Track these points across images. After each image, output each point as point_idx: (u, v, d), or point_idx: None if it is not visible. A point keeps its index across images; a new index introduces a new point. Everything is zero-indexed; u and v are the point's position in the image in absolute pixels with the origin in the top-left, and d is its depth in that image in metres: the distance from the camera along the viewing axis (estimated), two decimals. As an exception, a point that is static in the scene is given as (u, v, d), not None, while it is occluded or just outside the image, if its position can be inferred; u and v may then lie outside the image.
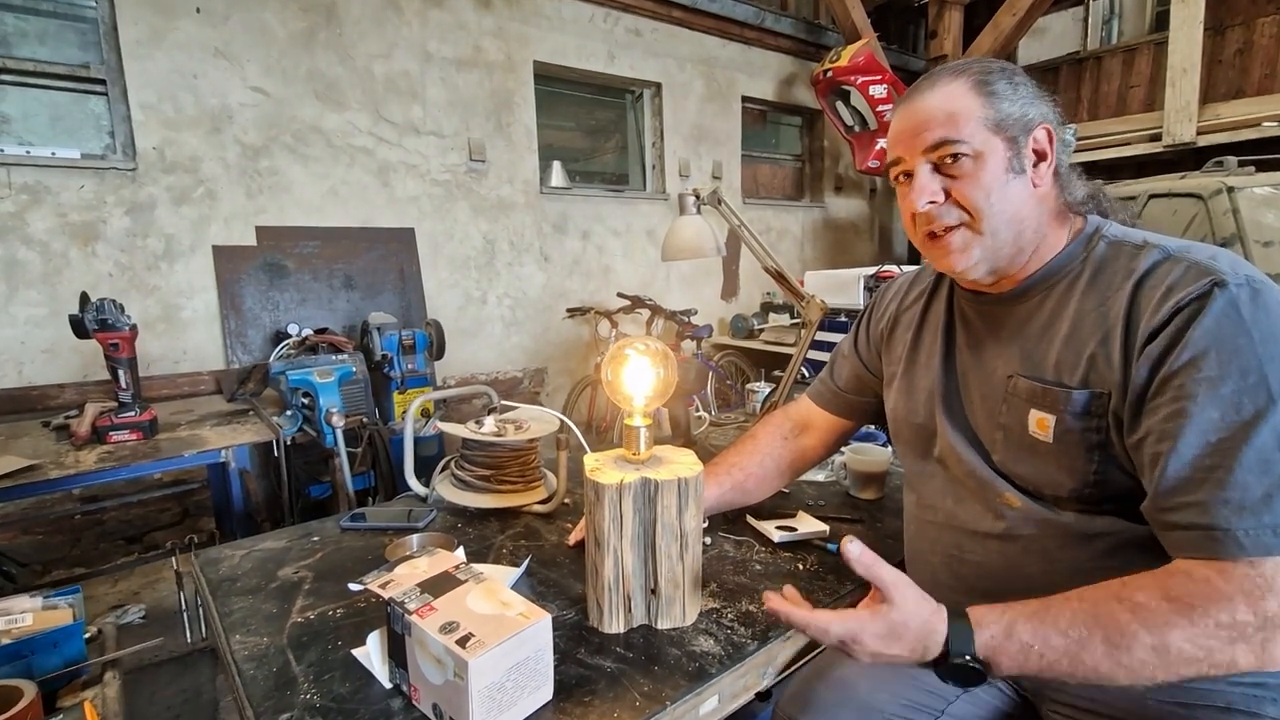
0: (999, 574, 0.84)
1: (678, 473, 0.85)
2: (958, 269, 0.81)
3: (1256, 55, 5.23)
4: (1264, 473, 0.62)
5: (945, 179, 0.78)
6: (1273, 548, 0.61)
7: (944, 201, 0.78)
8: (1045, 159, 0.78)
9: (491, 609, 0.72)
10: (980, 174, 0.76)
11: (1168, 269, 0.71)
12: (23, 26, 2.73)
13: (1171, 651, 0.62)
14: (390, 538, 1.14)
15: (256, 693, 0.75)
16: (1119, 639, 0.63)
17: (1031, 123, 0.77)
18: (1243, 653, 0.61)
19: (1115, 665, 0.63)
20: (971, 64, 0.80)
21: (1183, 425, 0.65)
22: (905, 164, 0.81)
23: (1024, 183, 0.77)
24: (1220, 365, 0.64)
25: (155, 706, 1.87)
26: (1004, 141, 0.76)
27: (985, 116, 0.76)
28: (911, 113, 0.80)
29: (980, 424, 0.86)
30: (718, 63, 5.00)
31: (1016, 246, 0.79)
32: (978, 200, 0.76)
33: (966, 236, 0.79)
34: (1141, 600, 0.64)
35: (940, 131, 0.77)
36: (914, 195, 0.79)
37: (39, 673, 0.81)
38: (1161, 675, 0.62)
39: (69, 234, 2.75)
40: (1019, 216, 0.78)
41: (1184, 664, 0.62)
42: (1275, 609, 0.60)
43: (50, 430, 2.15)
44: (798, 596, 0.75)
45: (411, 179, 3.64)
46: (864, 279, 3.82)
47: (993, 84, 0.77)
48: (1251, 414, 0.63)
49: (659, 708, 0.72)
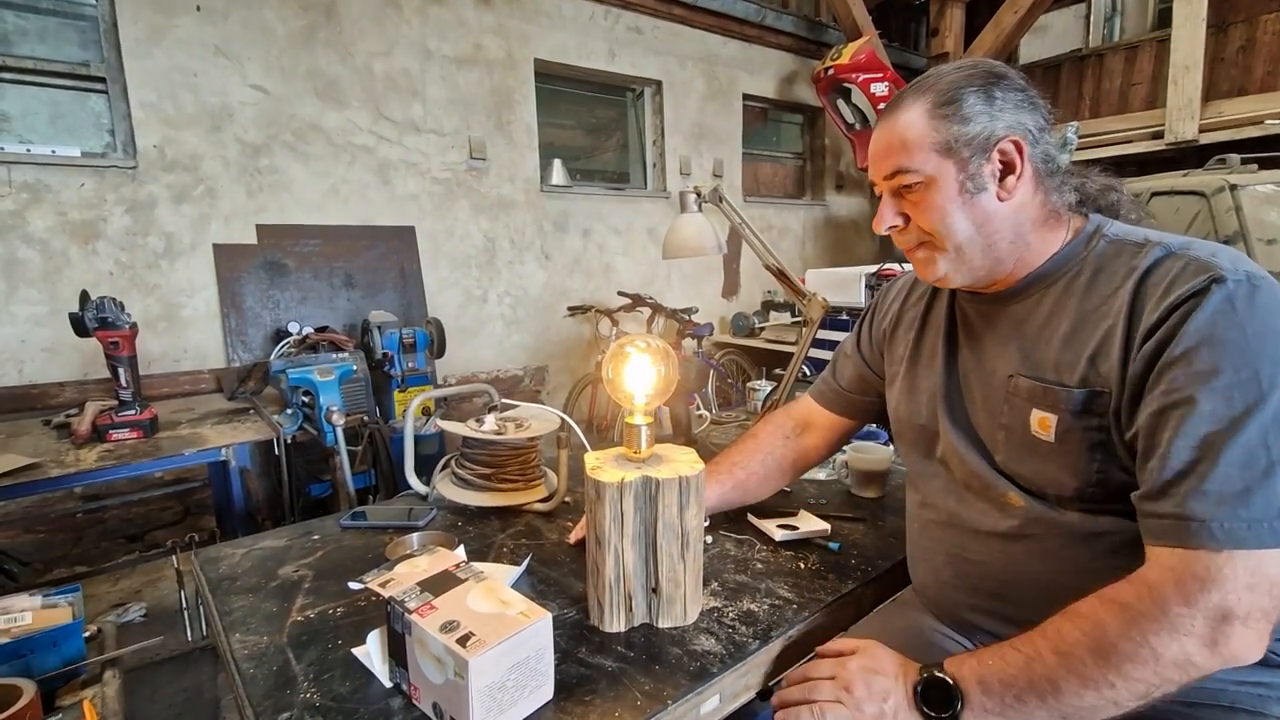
0: (1002, 573, 0.83)
1: (679, 471, 0.84)
2: (932, 280, 0.85)
3: (1259, 52, 5.21)
4: (1246, 467, 0.62)
5: (905, 203, 0.82)
6: (1244, 540, 0.61)
7: (905, 225, 0.83)
8: (1014, 171, 0.77)
9: (492, 608, 0.71)
10: (933, 198, 0.78)
11: (1169, 266, 0.70)
12: (22, 24, 2.72)
13: (1110, 654, 0.64)
14: (390, 536, 1.14)
15: (256, 691, 0.75)
16: (1068, 653, 0.66)
17: (992, 139, 0.76)
18: (1193, 648, 0.62)
19: (1070, 680, 0.65)
20: (943, 77, 0.79)
21: (1173, 418, 0.65)
22: (876, 186, 0.86)
23: (986, 199, 0.77)
24: (1213, 360, 0.64)
25: (156, 705, 1.87)
26: (955, 164, 0.77)
27: (934, 141, 0.77)
28: (877, 137, 0.84)
29: (982, 424, 0.86)
30: (719, 60, 4.99)
31: (991, 258, 0.80)
32: (932, 223, 0.80)
33: (930, 253, 0.83)
34: (1083, 610, 0.67)
35: (894, 160, 0.80)
36: (876, 221, 0.85)
37: (38, 672, 0.81)
38: (1121, 684, 0.64)
39: (69, 232, 2.75)
40: (985, 232, 0.79)
41: (1133, 666, 0.63)
42: (1218, 600, 0.61)
43: (51, 429, 2.15)
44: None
45: (412, 177, 3.63)
46: (865, 277, 3.81)
47: (955, 101, 0.76)
48: (1241, 409, 0.63)
49: (660, 707, 0.72)
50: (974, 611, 0.88)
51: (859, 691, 0.74)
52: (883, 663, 0.77)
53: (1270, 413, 0.62)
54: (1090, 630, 0.65)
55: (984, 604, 0.87)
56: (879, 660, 0.77)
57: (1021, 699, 0.67)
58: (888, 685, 0.74)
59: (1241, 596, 0.61)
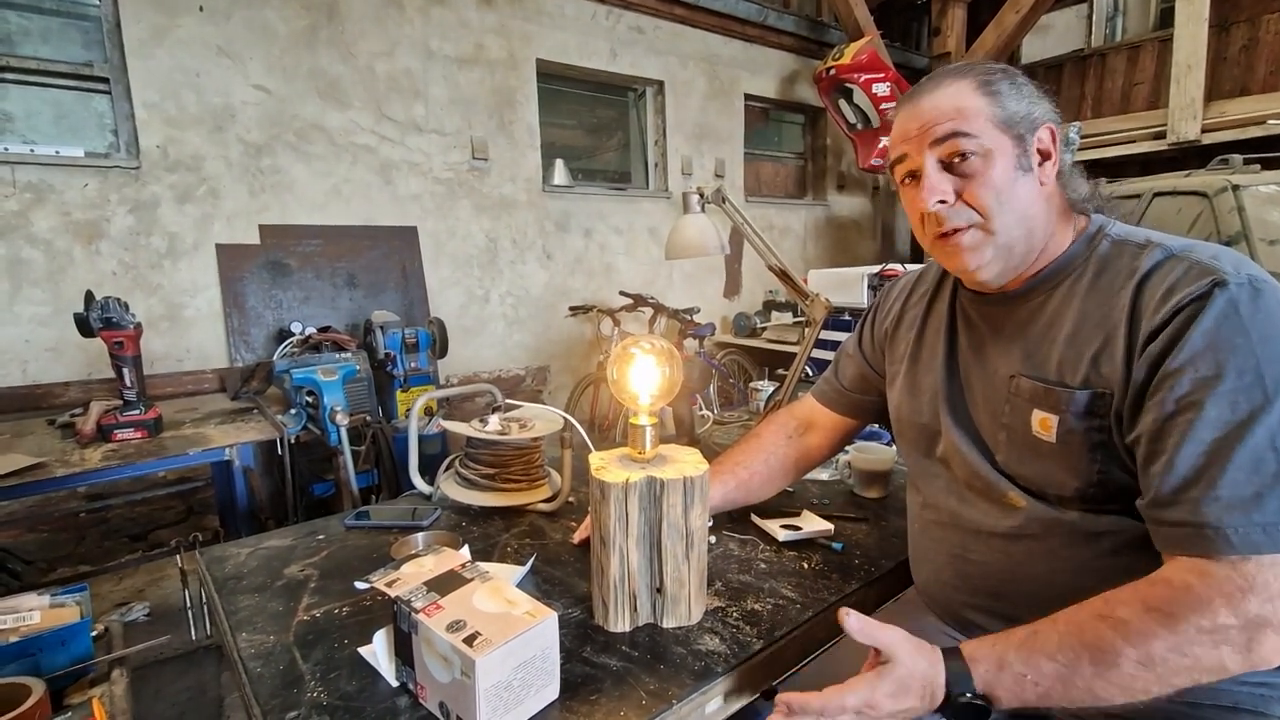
0: (1003, 573, 0.84)
1: (683, 471, 0.85)
2: (970, 268, 0.80)
3: (1262, 52, 5.20)
4: (1255, 471, 0.62)
5: (955, 179, 0.77)
6: (1261, 545, 0.61)
7: (954, 202, 0.78)
8: (1049, 158, 0.79)
9: (498, 607, 0.72)
10: (990, 173, 0.76)
11: (1170, 268, 0.71)
12: (26, 25, 2.73)
13: (1157, 663, 0.62)
14: (395, 536, 1.14)
15: (263, 690, 0.75)
16: (1105, 657, 0.63)
17: (1036, 121, 0.78)
18: (1229, 655, 0.61)
19: (1107, 684, 0.63)
20: (973, 66, 0.80)
21: (1178, 424, 0.65)
22: (911, 161, 0.80)
23: (1032, 181, 0.77)
24: (1217, 364, 0.64)
25: (161, 704, 1.88)
26: (1012, 139, 0.76)
27: (992, 114, 0.76)
28: (918, 110, 0.79)
29: (983, 424, 0.86)
30: (720, 60, 4.99)
31: (1028, 245, 0.79)
32: (989, 200, 0.76)
33: (978, 237, 0.78)
34: (1123, 615, 0.64)
35: (950, 125, 0.76)
36: (924, 195, 0.78)
37: (47, 670, 0.81)
38: (1156, 688, 0.62)
39: (73, 232, 2.76)
40: (1029, 215, 0.78)
41: (1173, 674, 0.62)
42: (1256, 609, 0.60)
43: (55, 428, 2.16)
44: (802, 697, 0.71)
45: (414, 177, 3.64)
46: (868, 277, 3.81)
47: (995, 84, 0.77)
48: (1246, 413, 0.63)
49: (665, 706, 0.72)
50: (975, 611, 0.88)
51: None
52: (910, 686, 0.68)
53: (1276, 416, 0.62)
54: (1135, 640, 0.63)
55: (985, 604, 0.87)
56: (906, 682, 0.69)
57: (1048, 700, 0.66)
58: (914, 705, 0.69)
59: (1276, 604, 0.60)
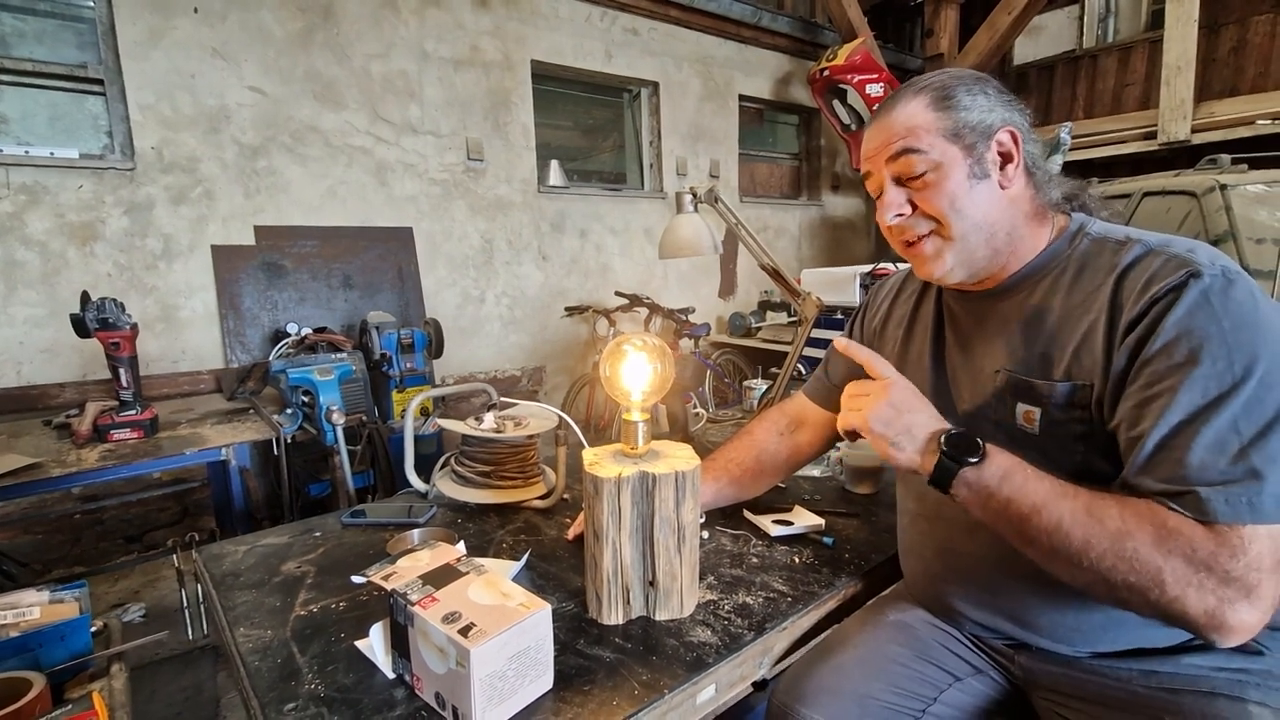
0: (991, 565, 0.85)
1: (675, 466, 0.86)
2: (935, 275, 0.85)
3: (1251, 53, 5.25)
4: (1220, 452, 0.64)
5: (910, 191, 0.83)
6: (1241, 515, 0.63)
7: (912, 213, 0.83)
8: (1012, 160, 0.81)
9: (492, 600, 0.73)
10: (943, 183, 0.80)
11: (1148, 263, 0.73)
12: (20, 26, 2.73)
13: (1128, 549, 0.65)
14: (391, 533, 1.16)
15: (262, 684, 0.76)
16: (1097, 510, 0.68)
17: (992, 128, 0.80)
18: (1193, 599, 0.63)
19: (1074, 525, 0.68)
20: (932, 80, 0.84)
21: (1154, 408, 0.68)
22: (875, 178, 0.86)
23: (990, 186, 0.80)
24: (1190, 351, 0.67)
25: (156, 704, 1.88)
26: (962, 149, 0.80)
27: (942, 127, 0.80)
28: (877, 129, 0.85)
29: (971, 418, 0.88)
30: (715, 61, 5.01)
31: (990, 249, 0.82)
32: (942, 208, 0.80)
33: (938, 243, 0.83)
34: (1133, 505, 0.67)
35: (900, 142, 0.82)
36: (881, 210, 0.85)
37: (47, 665, 0.82)
38: (1106, 562, 0.66)
39: (67, 234, 2.76)
40: (988, 220, 0.81)
41: (1129, 566, 0.65)
42: (1240, 572, 0.62)
43: (51, 429, 2.16)
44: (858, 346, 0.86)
45: (409, 178, 3.64)
46: (860, 276, 3.83)
47: (951, 96, 0.81)
48: (1215, 397, 0.65)
49: (657, 696, 0.73)
50: (964, 603, 0.90)
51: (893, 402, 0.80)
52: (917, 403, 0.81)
53: (1242, 401, 0.64)
54: (1127, 528, 0.66)
55: (974, 595, 0.89)
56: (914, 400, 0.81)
57: (1022, 507, 0.71)
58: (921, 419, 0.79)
59: (1233, 567, 0.62)
